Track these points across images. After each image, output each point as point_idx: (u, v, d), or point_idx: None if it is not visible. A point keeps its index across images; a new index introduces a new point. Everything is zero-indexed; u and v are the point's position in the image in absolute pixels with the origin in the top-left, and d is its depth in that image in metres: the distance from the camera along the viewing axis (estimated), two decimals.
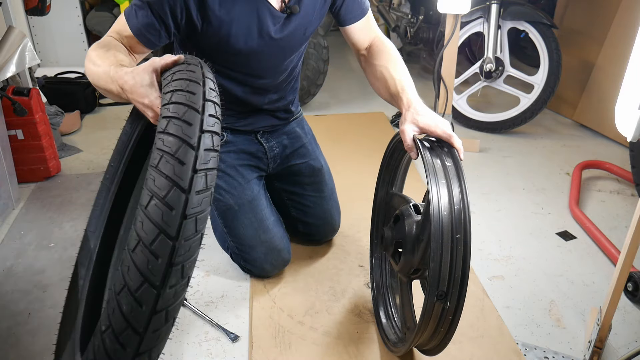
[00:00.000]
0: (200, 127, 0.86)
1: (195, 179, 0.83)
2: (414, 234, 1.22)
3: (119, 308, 0.83)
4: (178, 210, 0.82)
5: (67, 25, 3.67)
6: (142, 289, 0.82)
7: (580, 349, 1.43)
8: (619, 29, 2.68)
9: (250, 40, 1.35)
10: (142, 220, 0.82)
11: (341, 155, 2.45)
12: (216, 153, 0.88)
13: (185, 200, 0.82)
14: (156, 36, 1.25)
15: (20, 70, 2.22)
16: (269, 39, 1.37)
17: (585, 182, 2.32)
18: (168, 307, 0.86)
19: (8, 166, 2.04)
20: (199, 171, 0.84)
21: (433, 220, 1.04)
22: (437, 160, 1.12)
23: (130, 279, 0.82)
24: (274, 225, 1.62)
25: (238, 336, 1.45)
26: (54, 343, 1.14)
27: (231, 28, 1.30)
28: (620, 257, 1.23)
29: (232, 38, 1.32)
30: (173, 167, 0.83)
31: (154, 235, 0.81)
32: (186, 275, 0.87)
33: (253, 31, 1.33)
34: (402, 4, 3.71)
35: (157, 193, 0.82)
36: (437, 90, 2.57)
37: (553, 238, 1.93)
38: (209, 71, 0.99)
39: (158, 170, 0.83)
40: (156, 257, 0.82)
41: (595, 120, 2.81)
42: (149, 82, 1.00)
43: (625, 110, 1.16)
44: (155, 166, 0.84)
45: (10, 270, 1.73)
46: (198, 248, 0.88)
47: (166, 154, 0.83)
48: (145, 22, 1.23)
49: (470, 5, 2.29)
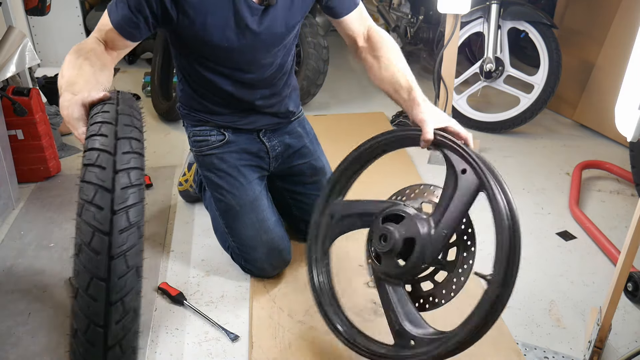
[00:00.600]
0: (114, 168, 0.90)
1: (115, 220, 0.88)
2: (426, 231, 1.15)
3: (77, 350, 0.91)
4: (103, 253, 0.86)
5: (67, 25, 3.67)
6: (89, 331, 0.89)
7: (580, 349, 1.43)
8: (619, 29, 2.68)
9: (227, 32, 1.34)
10: (77, 269, 0.88)
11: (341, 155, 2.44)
12: (137, 187, 0.91)
13: (109, 242, 0.87)
14: (136, 29, 1.28)
15: (20, 70, 2.22)
16: (247, 31, 1.35)
17: (585, 182, 2.32)
18: (120, 340, 0.91)
19: (8, 166, 2.04)
20: (117, 212, 0.88)
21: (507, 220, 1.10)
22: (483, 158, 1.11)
23: (78, 323, 0.90)
24: (275, 225, 1.62)
25: (238, 336, 1.45)
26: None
27: (206, 19, 1.30)
28: (620, 257, 1.23)
29: (208, 30, 1.32)
30: (93, 213, 0.87)
31: (87, 281, 0.87)
32: (129, 309, 0.91)
33: (230, 23, 1.33)
34: (402, 4, 3.71)
35: (84, 240, 0.87)
36: (437, 90, 2.57)
37: (553, 238, 1.93)
38: (129, 104, 1.02)
39: (81, 219, 0.88)
40: (94, 299, 0.87)
41: (595, 120, 2.81)
42: (77, 116, 1.04)
43: (625, 110, 1.16)
44: (79, 215, 0.89)
45: (10, 270, 1.73)
46: (137, 282, 0.92)
47: (86, 202, 0.88)
48: (124, 15, 1.26)
49: (470, 5, 2.29)
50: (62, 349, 1.41)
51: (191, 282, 1.67)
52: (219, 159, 1.60)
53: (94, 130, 0.94)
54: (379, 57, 1.43)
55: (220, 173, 1.60)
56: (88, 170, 0.90)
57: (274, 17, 1.37)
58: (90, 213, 0.87)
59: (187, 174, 2.01)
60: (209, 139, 1.60)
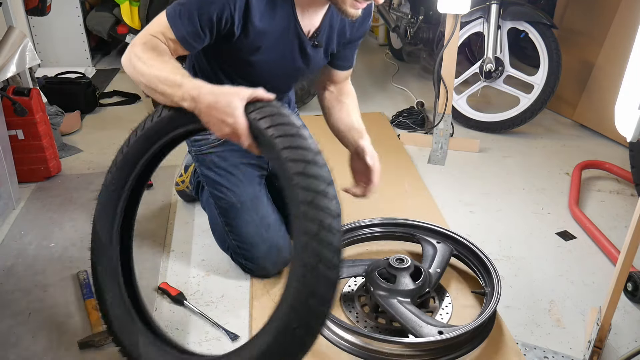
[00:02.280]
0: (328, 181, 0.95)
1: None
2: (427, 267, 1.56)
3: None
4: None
5: (67, 25, 3.68)
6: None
7: (580, 349, 1.43)
8: (619, 29, 2.68)
9: (274, 56, 1.41)
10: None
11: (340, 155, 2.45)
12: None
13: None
14: (200, 43, 1.28)
15: (20, 70, 2.22)
16: (291, 59, 1.44)
17: (585, 182, 2.32)
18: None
19: (8, 166, 2.04)
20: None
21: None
22: None
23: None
24: (275, 223, 1.63)
25: (238, 336, 1.45)
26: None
27: (263, 41, 1.35)
28: (620, 257, 1.23)
29: (260, 50, 1.37)
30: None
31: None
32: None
33: (281, 48, 1.40)
34: (402, 4, 3.71)
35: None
36: (437, 90, 2.57)
37: (553, 238, 1.93)
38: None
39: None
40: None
41: (595, 120, 2.81)
42: (236, 106, 1.04)
43: (625, 110, 1.16)
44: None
45: (10, 270, 1.73)
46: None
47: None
48: (191, 30, 1.23)
49: (470, 5, 2.29)
50: (63, 349, 1.41)
51: (191, 282, 1.67)
52: (219, 157, 1.62)
53: (288, 143, 0.98)
54: (342, 102, 1.63)
55: (221, 171, 1.61)
56: (303, 178, 0.95)
57: (315, 56, 1.48)
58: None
59: (184, 175, 2.02)
60: (208, 138, 1.62)
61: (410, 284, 1.44)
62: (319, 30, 1.43)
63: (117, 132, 2.81)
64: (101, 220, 1.28)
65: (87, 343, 1.41)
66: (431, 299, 1.55)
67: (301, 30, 1.39)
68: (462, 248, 1.65)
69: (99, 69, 3.86)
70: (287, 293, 0.94)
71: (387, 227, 1.78)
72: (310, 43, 1.43)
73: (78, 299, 1.59)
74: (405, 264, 1.47)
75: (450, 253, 1.64)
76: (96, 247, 1.28)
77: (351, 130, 1.56)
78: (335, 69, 1.62)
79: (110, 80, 3.63)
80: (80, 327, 1.48)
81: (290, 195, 0.96)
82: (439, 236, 1.69)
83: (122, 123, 2.93)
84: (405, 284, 1.43)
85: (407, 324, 1.36)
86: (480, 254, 1.59)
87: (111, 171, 1.28)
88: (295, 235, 0.95)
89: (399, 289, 1.42)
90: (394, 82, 3.61)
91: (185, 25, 1.22)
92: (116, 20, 3.71)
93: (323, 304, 0.92)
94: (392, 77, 3.72)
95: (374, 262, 1.52)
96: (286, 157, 0.97)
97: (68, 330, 1.48)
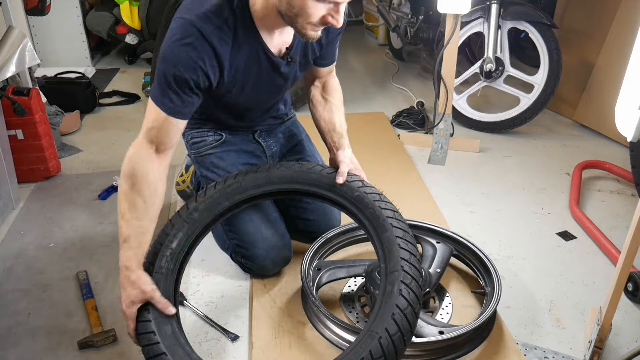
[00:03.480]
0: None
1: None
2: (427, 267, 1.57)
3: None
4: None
5: (67, 25, 3.67)
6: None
7: (580, 349, 1.43)
8: (619, 29, 2.68)
9: (251, 85, 1.44)
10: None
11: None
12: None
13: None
14: (191, 106, 1.32)
15: (20, 70, 2.22)
16: (269, 81, 1.47)
17: (585, 182, 2.32)
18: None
19: (8, 166, 2.04)
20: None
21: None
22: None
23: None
24: (275, 221, 1.64)
25: (238, 336, 1.45)
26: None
27: (238, 79, 1.40)
28: (620, 257, 1.23)
29: (238, 87, 1.42)
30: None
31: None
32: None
33: (255, 77, 1.43)
34: (402, 4, 3.71)
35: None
36: (437, 90, 2.57)
37: (553, 238, 1.93)
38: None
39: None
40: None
41: (595, 120, 2.81)
42: (132, 301, 1.19)
43: (625, 110, 1.16)
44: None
45: (10, 270, 1.73)
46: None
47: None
48: (177, 99, 1.27)
49: (470, 5, 2.28)
50: (62, 349, 1.41)
51: (191, 282, 1.67)
52: (218, 157, 1.63)
53: None
54: (327, 100, 1.63)
55: (220, 171, 1.62)
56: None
57: (292, 71, 1.50)
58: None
59: (185, 175, 2.02)
60: (207, 139, 1.65)
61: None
62: (291, 45, 1.43)
63: (117, 132, 2.81)
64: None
65: (87, 343, 1.41)
66: (431, 299, 1.55)
67: (271, 54, 1.40)
68: (462, 248, 1.65)
69: (98, 68, 3.86)
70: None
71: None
72: (284, 62, 1.44)
73: (78, 299, 1.59)
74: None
75: (450, 253, 1.63)
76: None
77: (332, 133, 1.58)
78: (318, 66, 1.62)
79: (110, 80, 3.63)
80: (80, 327, 1.48)
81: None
82: (439, 236, 1.69)
83: (122, 123, 2.93)
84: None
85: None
86: (480, 254, 1.59)
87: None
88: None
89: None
90: (394, 82, 3.61)
91: (169, 98, 1.27)
92: (116, 20, 3.71)
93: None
94: (392, 77, 3.72)
95: (374, 262, 1.52)
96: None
97: (68, 330, 1.48)
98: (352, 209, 1.40)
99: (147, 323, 1.18)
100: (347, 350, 1.12)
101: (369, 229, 1.34)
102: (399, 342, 1.09)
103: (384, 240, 1.27)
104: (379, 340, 1.08)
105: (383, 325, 1.10)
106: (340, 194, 1.42)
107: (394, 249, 1.23)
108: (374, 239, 1.32)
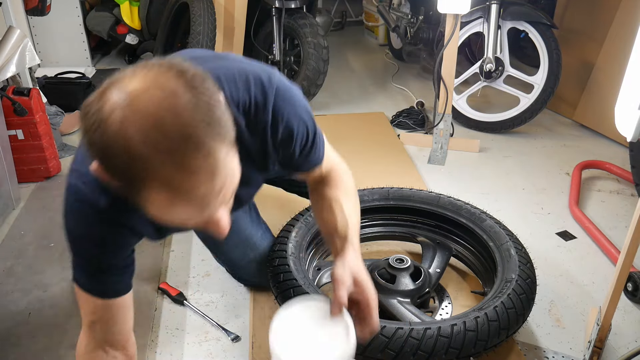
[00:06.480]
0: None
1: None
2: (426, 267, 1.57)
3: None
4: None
5: (67, 25, 3.67)
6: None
7: (580, 349, 1.43)
8: (619, 29, 2.68)
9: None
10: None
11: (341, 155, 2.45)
12: None
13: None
14: (132, 273, 1.06)
15: (20, 70, 2.22)
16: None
17: (585, 182, 2.32)
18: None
19: (8, 166, 2.04)
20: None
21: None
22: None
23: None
24: (261, 240, 1.57)
25: (238, 336, 1.45)
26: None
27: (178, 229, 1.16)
28: (620, 257, 1.23)
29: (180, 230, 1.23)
30: None
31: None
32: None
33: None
34: (402, 4, 3.71)
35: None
36: (437, 90, 2.57)
37: (553, 238, 1.93)
38: None
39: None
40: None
41: (595, 120, 2.81)
42: None
43: (625, 110, 1.16)
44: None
45: (10, 270, 1.73)
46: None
47: None
48: (117, 274, 1.02)
49: (470, 5, 2.29)
50: (62, 349, 1.41)
51: (191, 282, 1.67)
52: None
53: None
54: (325, 198, 1.21)
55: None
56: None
57: (240, 196, 1.03)
58: None
59: None
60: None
61: (410, 284, 1.44)
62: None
63: None
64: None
65: None
66: (431, 299, 1.55)
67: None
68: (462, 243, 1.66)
69: (98, 69, 3.86)
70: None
71: (387, 227, 1.78)
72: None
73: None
74: (405, 264, 1.47)
75: (450, 253, 1.64)
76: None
77: (333, 236, 1.16)
78: (300, 173, 1.20)
79: None
80: (80, 327, 1.48)
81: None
82: (439, 236, 1.69)
83: None
84: (405, 284, 1.43)
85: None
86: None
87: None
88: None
89: (399, 289, 1.43)
90: (394, 82, 3.61)
91: (107, 276, 1.00)
92: (116, 20, 3.71)
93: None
94: (392, 77, 3.72)
95: (373, 263, 1.52)
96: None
97: (68, 330, 1.47)
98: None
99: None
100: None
101: None
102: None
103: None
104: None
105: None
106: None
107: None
108: None
